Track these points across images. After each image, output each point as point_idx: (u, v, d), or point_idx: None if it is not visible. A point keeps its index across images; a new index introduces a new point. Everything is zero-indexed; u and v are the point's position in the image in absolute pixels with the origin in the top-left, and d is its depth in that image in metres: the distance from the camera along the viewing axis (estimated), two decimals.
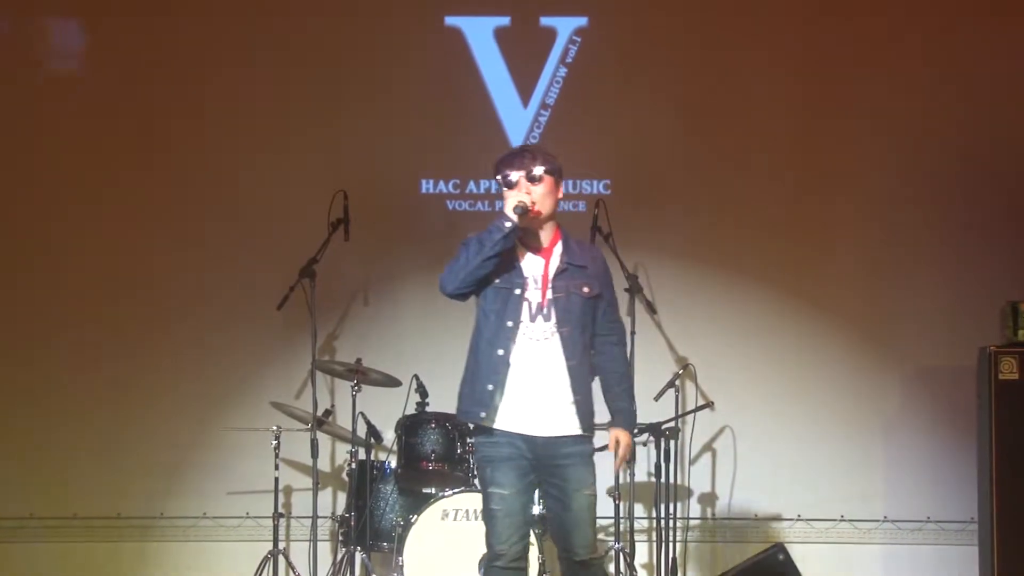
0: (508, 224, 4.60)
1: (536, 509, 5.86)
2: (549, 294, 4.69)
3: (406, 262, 7.39)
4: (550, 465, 4.70)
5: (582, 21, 7.61)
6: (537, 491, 5.03)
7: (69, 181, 7.59)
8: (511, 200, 4.64)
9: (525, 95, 7.59)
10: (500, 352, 4.65)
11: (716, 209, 7.54)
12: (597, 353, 4.85)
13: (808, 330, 7.56)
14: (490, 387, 4.66)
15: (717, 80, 7.61)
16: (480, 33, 7.58)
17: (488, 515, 4.71)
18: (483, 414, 4.68)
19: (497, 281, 4.68)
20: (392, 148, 7.60)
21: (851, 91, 7.60)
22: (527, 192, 4.67)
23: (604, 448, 4.95)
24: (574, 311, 4.71)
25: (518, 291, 4.68)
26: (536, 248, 4.77)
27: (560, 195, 4.81)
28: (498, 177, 4.76)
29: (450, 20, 7.62)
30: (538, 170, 4.69)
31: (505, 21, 7.60)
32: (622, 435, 4.82)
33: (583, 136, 7.54)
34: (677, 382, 6.90)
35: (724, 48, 7.63)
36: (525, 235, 4.75)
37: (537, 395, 4.69)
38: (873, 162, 7.59)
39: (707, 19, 7.64)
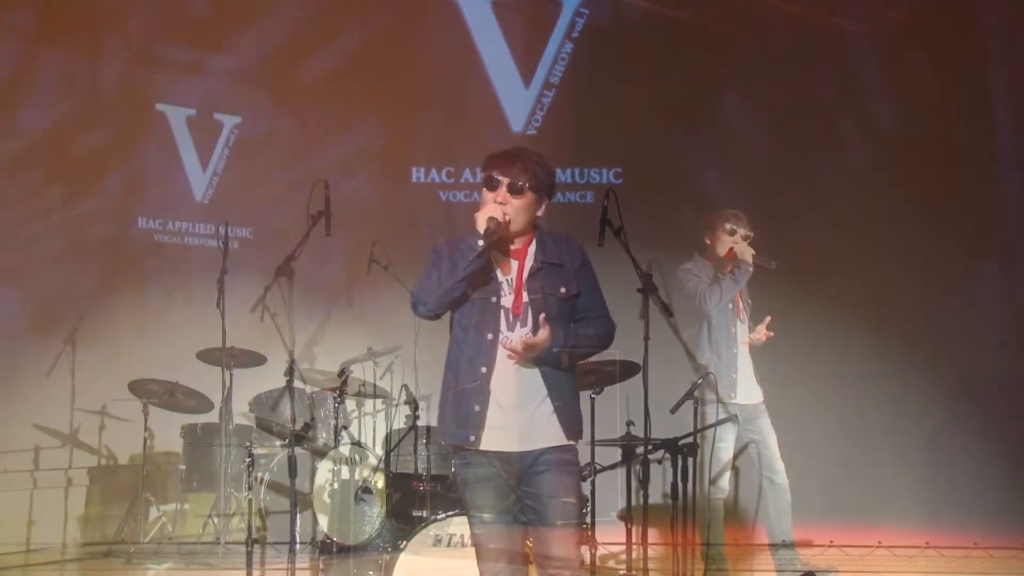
0: (480, 243, 4.56)
1: None
2: (524, 296, 4.61)
3: (395, 258, 7.13)
4: (526, 475, 4.62)
5: None
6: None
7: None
8: (482, 216, 4.56)
9: (527, 74, 7.46)
10: (483, 370, 4.61)
11: (739, 200, 7.31)
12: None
13: (841, 335, 7.36)
14: (477, 408, 4.60)
15: (741, 57, 7.43)
16: (477, 5, 7.43)
17: (473, 541, 4.68)
18: (472, 437, 4.60)
19: (471, 292, 4.62)
20: (379, 133, 7.50)
21: (896, 74, 7.44)
22: (502, 201, 4.59)
23: (613, 467, 4.86)
24: (551, 313, 4.59)
25: (494, 298, 4.64)
26: (507, 249, 4.69)
27: (540, 212, 4.71)
28: (484, 173, 4.67)
29: None
30: (522, 182, 4.60)
31: None
32: (544, 332, 4.53)
33: (591, 119, 7.38)
34: (696, 393, 6.61)
35: (748, 22, 7.43)
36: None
37: (518, 409, 4.62)
38: (920, 158, 7.43)
39: None
